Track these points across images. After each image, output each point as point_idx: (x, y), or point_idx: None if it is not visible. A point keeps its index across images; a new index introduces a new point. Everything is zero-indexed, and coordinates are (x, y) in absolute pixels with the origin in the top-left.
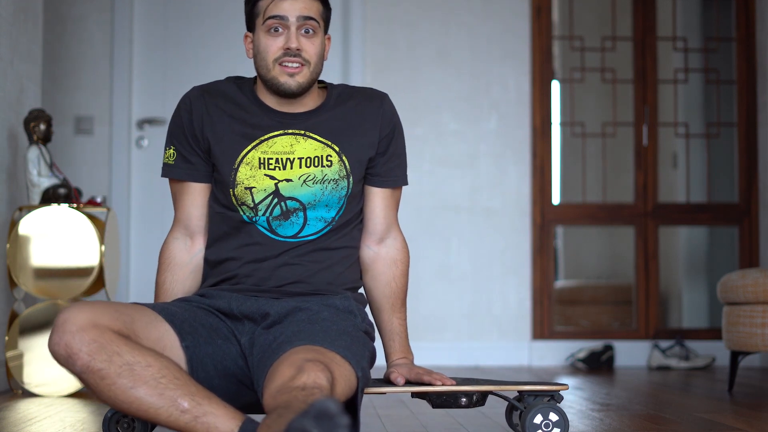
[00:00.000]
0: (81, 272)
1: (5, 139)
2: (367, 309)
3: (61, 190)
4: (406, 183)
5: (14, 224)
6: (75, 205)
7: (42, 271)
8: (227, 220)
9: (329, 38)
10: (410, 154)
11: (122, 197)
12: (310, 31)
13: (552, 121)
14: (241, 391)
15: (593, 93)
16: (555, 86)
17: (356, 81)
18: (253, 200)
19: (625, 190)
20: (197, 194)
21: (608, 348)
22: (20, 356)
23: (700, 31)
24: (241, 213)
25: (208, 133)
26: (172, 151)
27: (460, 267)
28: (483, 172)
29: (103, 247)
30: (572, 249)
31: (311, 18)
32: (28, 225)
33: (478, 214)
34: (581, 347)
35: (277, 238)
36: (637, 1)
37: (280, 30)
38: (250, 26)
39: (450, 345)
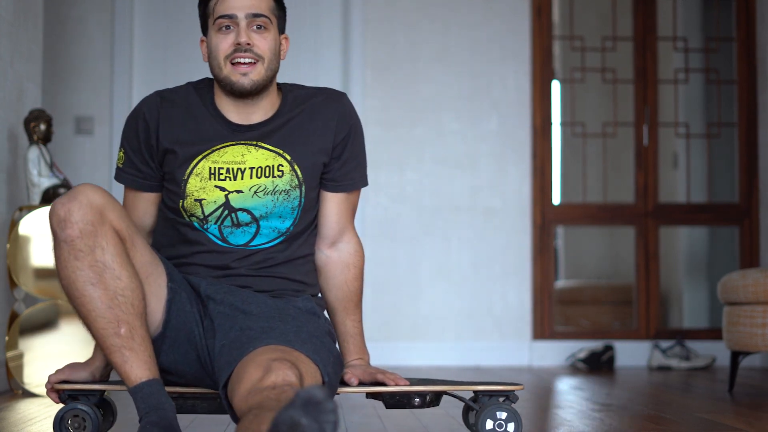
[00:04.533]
0: None
1: (5, 139)
2: None
3: (62, 190)
4: (364, 185)
5: (14, 224)
6: None
7: (42, 271)
8: (176, 225)
9: (287, 38)
10: (410, 154)
11: (122, 197)
12: (262, 27)
13: (552, 121)
14: (195, 362)
15: (594, 93)
16: (555, 86)
17: (356, 81)
18: (202, 212)
19: (625, 190)
20: (150, 203)
21: (608, 348)
22: (20, 356)
23: (700, 31)
24: (192, 221)
25: (163, 143)
26: (122, 154)
27: (460, 267)
28: (483, 172)
29: None
30: (573, 249)
31: (261, 15)
32: (29, 225)
33: (478, 214)
34: (582, 347)
35: (227, 246)
36: (638, 1)
37: (231, 28)
38: (204, 29)
39: (450, 345)
